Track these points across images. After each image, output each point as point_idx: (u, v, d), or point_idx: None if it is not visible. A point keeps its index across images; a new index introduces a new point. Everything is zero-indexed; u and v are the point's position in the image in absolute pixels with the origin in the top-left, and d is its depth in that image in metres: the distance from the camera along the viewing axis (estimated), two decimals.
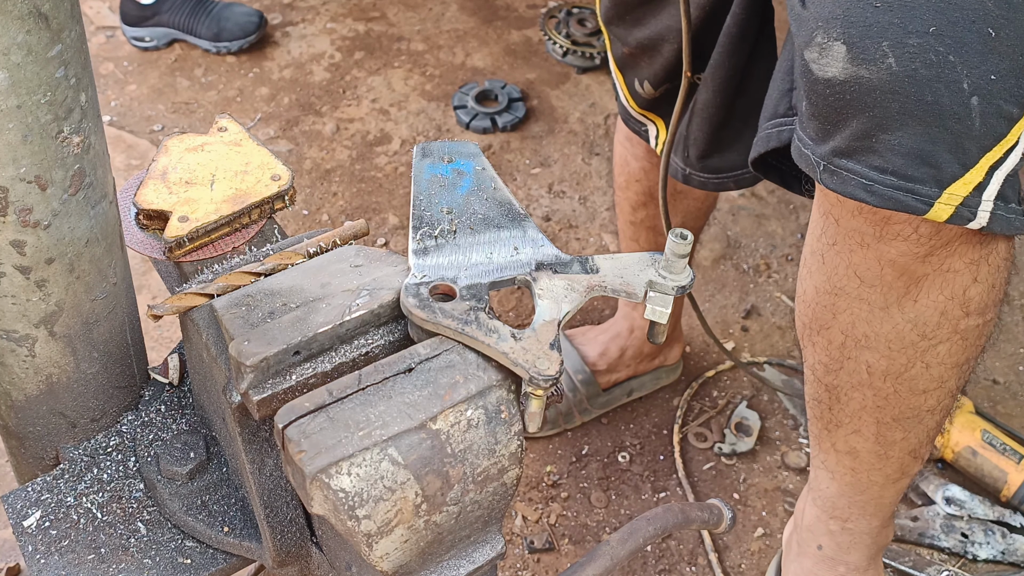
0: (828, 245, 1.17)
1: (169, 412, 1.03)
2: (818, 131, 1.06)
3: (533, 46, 2.88)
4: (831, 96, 1.02)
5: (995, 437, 1.89)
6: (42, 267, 0.85)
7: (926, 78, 0.97)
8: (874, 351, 1.19)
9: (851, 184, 1.04)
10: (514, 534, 1.84)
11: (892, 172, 1.02)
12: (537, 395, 0.79)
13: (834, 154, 1.05)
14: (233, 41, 2.77)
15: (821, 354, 1.26)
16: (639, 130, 1.65)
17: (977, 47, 0.97)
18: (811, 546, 1.47)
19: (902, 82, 0.98)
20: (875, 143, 1.01)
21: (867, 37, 0.98)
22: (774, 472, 1.94)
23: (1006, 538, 1.80)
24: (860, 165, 1.03)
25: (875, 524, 1.41)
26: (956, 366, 1.20)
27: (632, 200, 1.80)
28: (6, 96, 0.74)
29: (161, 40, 2.82)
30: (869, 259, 1.13)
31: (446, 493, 0.77)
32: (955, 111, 0.98)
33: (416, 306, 0.81)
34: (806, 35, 1.03)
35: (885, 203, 1.03)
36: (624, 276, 0.86)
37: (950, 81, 0.97)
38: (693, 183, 1.58)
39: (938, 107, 0.98)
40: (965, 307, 1.14)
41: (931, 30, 0.96)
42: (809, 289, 1.23)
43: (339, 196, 2.46)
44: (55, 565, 0.94)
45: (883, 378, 1.21)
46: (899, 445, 1.28)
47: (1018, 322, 2.23)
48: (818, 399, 1.31)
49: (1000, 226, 1.06)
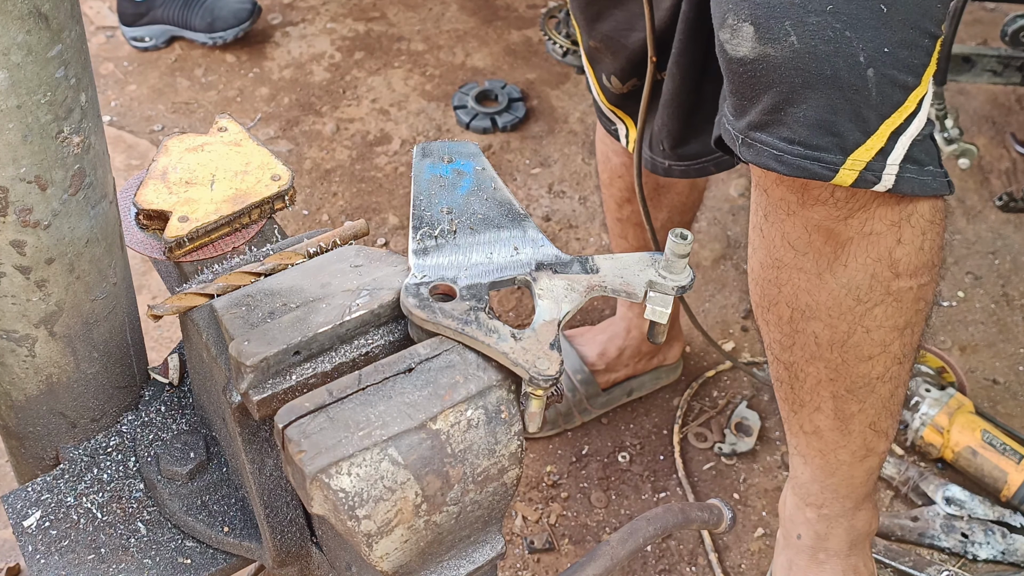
0: (763, 217, 1.23)
1: (169, 412, 1.03)
2: (735, 107, 1.14)
3: (533, 46, 2.88)
4: (744, 74, 1.09)
5: (995, 437, 1.89)
6: (42, 267, 0.85)
7: (825, 53, 1.04)
8: (818, 320, 1.24)
9: (764, 155, 1.11)
10: (514, 534, 1.84)
11: (799, 142, 1.08)
12: (537, 395, 0.79)
13: (749, 128, 1.12)
14: (228, 30, 2.76)
15: (775, 331, 1.30)
16: (610, 128, 1.66)
17: (871, 22, 1.04)
18: (792, 536, 1.49)
19: (803, 58, 1.05)
20: (783, 116, 1.08)
21: (772, 17, 1.05)
22: (774, 472, 1.94)
23: (1006, 538, 1.80)
24: (771, 137, 1.10)
25: (848, 506, 1.42)
26: (896, 329, 1.24)
27: (616, 196, 1.80)
28: (6, 96, 0.74)
29: (159, 38, 2.82)
30: (797, 226, 1.19)
31: (446, 493, 0.77)
32: (853, 82, 1.05)
33: (416, 306, 0.81)
34: (720, 16, 1.10)
35: (794, 171, 1.10)
36: (624, 276, 0.86)
37: (847, 55, 1.04)
38: (675, 174, 1.59)
39: (837, 80, 1.05)
40: (893, 268, 1.19)
41: (828, 8, 1.04)
42: (755, 266, 1.29)
43: (339, 196, 2.46)
44: (55, 565, 0.94)
45: (830, 348, 1.25)
46: (857, 418, 1.31)
47: (1018, 322, 2.23)
48: (779, 379, 1.35)
49: (909, 187, 1.12)
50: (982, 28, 2.90)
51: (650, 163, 1.59)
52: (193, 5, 2.77)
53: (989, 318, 2.24)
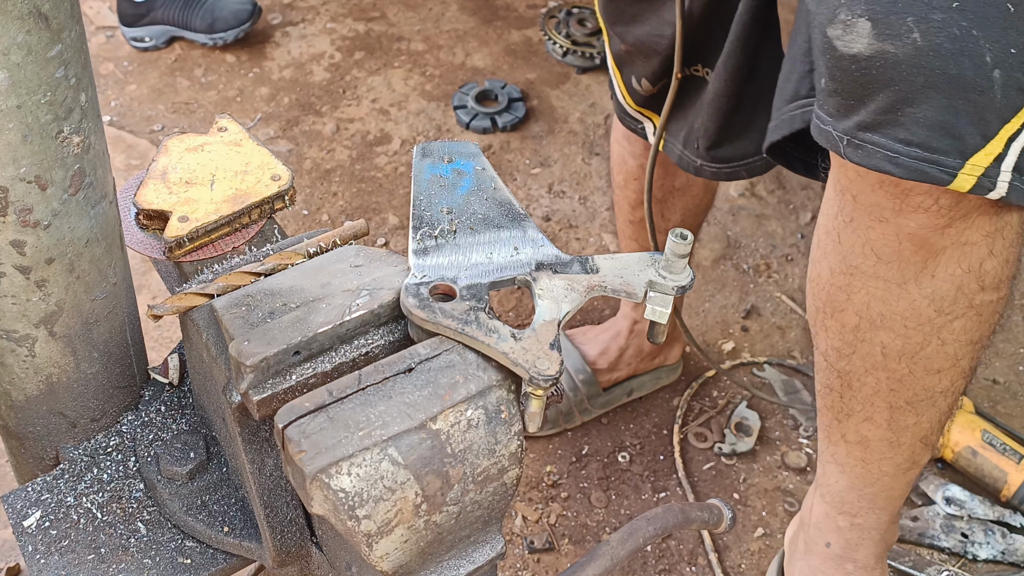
0: (845, 223, 1.18)
1: (169, 412, 1.03)
2: (840, 107, 1.08)
3: (533, 46, 2.88)
4: (856, 72, 1.04)
5: (995, 437, 1.89)
6: (42, 267, 0.85)
7: (950, 52, 1.00)
8: (889, 330, 1.20)
9: (876, 157, 1.06)
10: (514, 534, 1.84)
11: (917, 144, 1.04)
12: (537, 395, 0.79)
13: (859, 128, 1.07)
14: (228, 31, 2.76)
15: (834, 339, 1.26)
16: (635, 127, 1.65)
17: (998, 21, 0.99)
18: (819, 544, 1.46)
19: (927, 56, 1.00)
20: (900, 116, 1.04)
21: (892, 13, 1.00)
22: (774, 472, 1.94)
23: (1006, 538, 1.80)
24: (885, 138, 1.05)
25: (884, 519, 1.40)
26: (970, 343, 1.21)
27: (631, 199, 1.80)
28: (6, 96, 0.74)
29: (159, 39, 2.82)
30: (888, 234, 1.14)
31: (446, 493, 0.77)
32: (978, 83, 1.01)
33: (416, 306, 0.81)
34: (828, 12, 1.05)
35: (910, 174, 1.05)
36: (624, 276, 0.86)
37: (973, 54, 1.00)
38: (705, 174, 1.58)
39: (962, 80, 1.01)
40: (981, 281, 1.15)
41: (954, 5, 0.99)
42: (824, 271, 1.24)
43: (339, 196, 2.46)
44: (55, 565, 0.94)
45: (898, 358, 1.21)
46: (911, 431, 1.28)
47: (1018, 322, 2.23)
48: (830, 387, 1.31)
49: (1017, 196, 1.08)
50: None
51: (683, 160, 1.58)
52: (193, 6, 2.77)
53: None
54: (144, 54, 2.84)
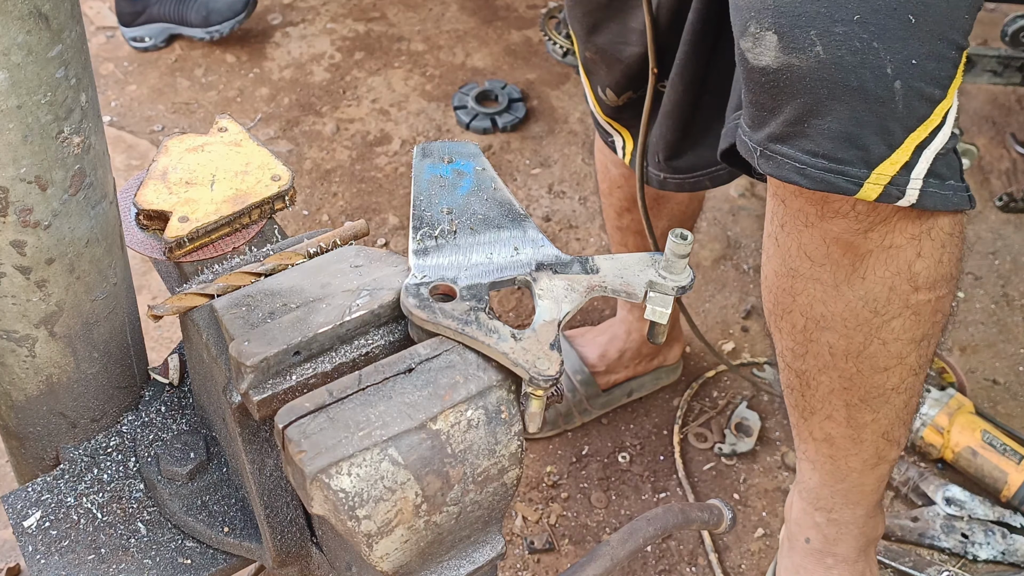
0: (779, 227, 1.21)
1: (169, 412, 1.03)
2: (754, 118, 1.11)
3: (533, 46, 2.88)
4: (765, 84, 1.06)
5: (995, 437, 1.89)
6: (42, 267, 0.85)
7: (852, 64, 1.02)
8: (833, 331, 1.22)
9: (785, 168, 1.09)
10: (514, 534, 1.84)
11: (823, 155, 1.06)
12: (537, 395, 0.79)
13: (769, 139, 1.09)
14: (224, 23, 2.75)
15: (787, 339, 1.29)
16: (607, 140, 1.65)
17: (899, 33, 1.01)
18: (799, 540, 1.48)
19: (829, 69, 1.02)
20: (807, 128, 1.06)
21: (796, 27, 1.02)
22: (774, 472, 1.94)
23: (1006, 538, 1.80)
24: (793, 149, 1.07)
25: (859, 513, 1.41)
26: (913, 341, 1.22)
27: (616, 206, 1.80)
28: (6, 96, 0.74)
29: (158, 37, 2.82)
30: (815, 238, 1.17)
31: (446, 493, 0.77)
32: (879, 95, 1.03)
33: (416, 306, 0.81)
34: (741, 25, 1.07)
35: (817, 185, 1.07)
36: (624, 276, 0.86)
37: (874, 66, 1.02)
38: (670, 187, 1.58)
39: (863, 91, 1.03)
40: (913, 282, 1.17)
41: (855, 18, 1.01)
42: (769, 273, 1.27)
43: (339, 196, 2.46)
44: (55, 565, 0.94)
45: (844, 358, 1.24)
46: (870, 427, 1.30)
47: (1018, 322, 2.23)
48: (791, 386, 1.33)
49: (932, 202, 1.10)
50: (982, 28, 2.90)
51: (646, 174, 1.59)
52: (187, 2, 2.77)
53: (989, 318, 2.24)
54: (144, 54, 2.84)
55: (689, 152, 1.52)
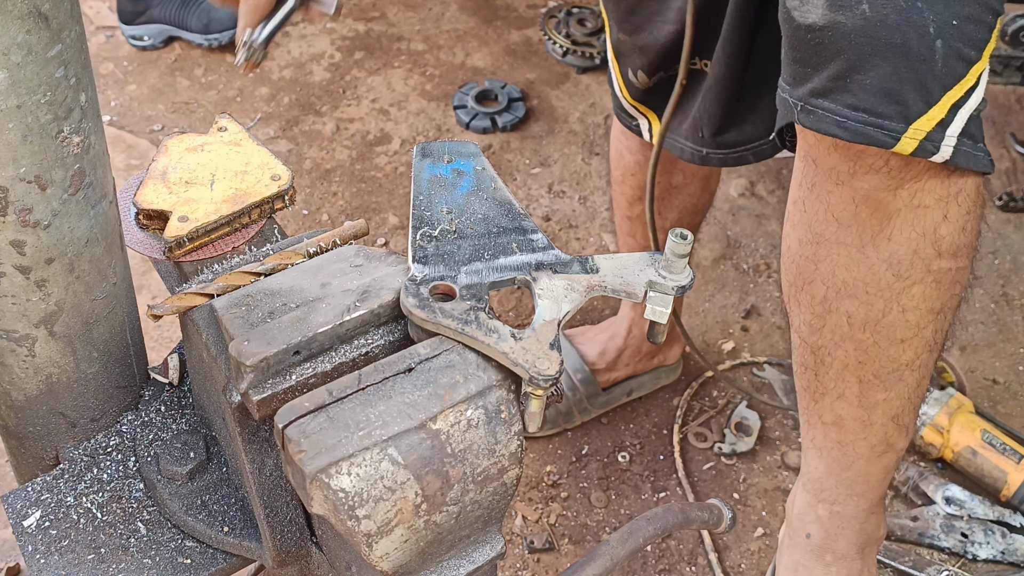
0: (808, 189, 1.24)
1: (169, 412, 1.03)
2: (796, 74, 1.15)
3: (533, 46, 2.88)
4: (811, 41, 1.10)
5: (995, 437, 1.89)
6: (42, 267, 0.85)
7: (896, 23, 1.06)
8: (853, 298, 1.25)
9: (826, 121, 1.13)
10: (514, 534, 1.84)
11: (864, 109, 1.11)
12: (537, 395, 0.79)
13: (811, 95, 1.13)
14: (223, 32, 2.76)
15: (806, 312, 1.30)
16: (630, 124, 1.65)
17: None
18: (800, 535, 1.48)
19: (874, 26, 1.07)
20: (849, 83, 1.10)
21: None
22: (774, 472, 1.94)
23: (1006, 538, 1.80)
24: (835, 104, 1.12)
25: (863, 507, 1.42)
26: (931, 311, 1.25)
27: (628, 195, 1.80)
28: (6, 96, 0.74)
29: (157, 38, 2.82)
30: (845, 198, 1.20)
31: (446, 493, 0.77)
32: (921, 53, 1.07)
33: (416, 306, 0.81)
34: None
35: (856, 137, 1.12)
36: (624, 276, 0.86)
37: (918, 25, 1.06)
38: (712, 162, 1.59)
39: (906, 49, 1.07)
40: (937, 246, 1.20)
41: None
42: (793, 243, 1.30)
43: (339, 196, 2.46)
44: (55, 565, 0.94)
45: (863, 327, 1.26)
46: (882, 407, 1.32)
47: (1018, 322, 2.23)
48: (804, 365, 1.35)
49: (965, 160, 1.14)
50: None
51: (686, 153, 1.59)
52: (190, 5, 2.77)
53: (989, 318, 2.24)
54: (144, 54, 2.84)
55: (734, 128, 1.53)
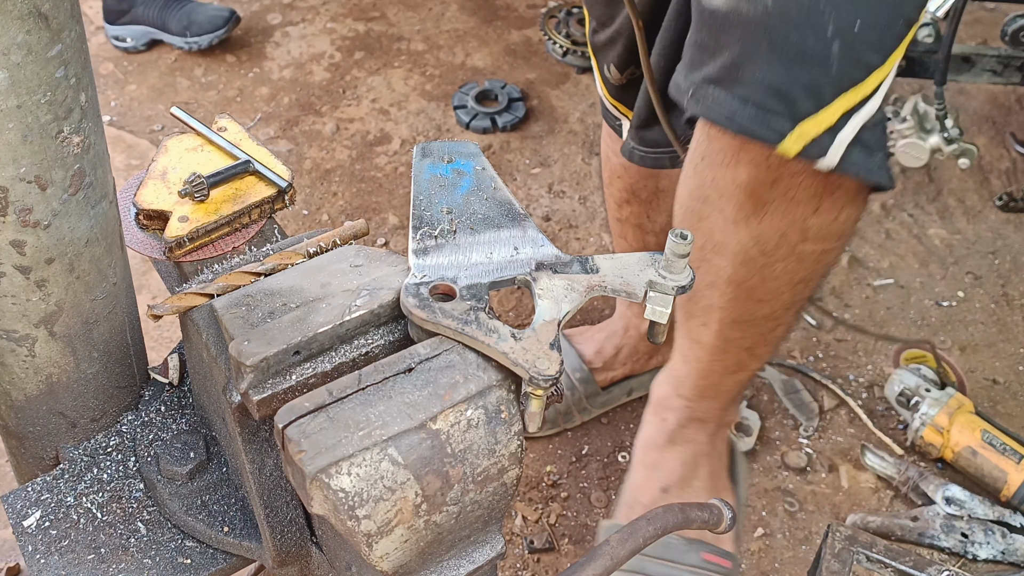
0: (700, 158, 1.26)
1: (169, 412, 1.03)
2: (694, 60, 1.15)
3: (533, 46, 2.88)
4: (712, 25, 1.10)
5: (995, 437, 1.89)
6: (42, 267, 0.85)
7: (795, 19, 1.05)
8: (723, 258, 1.30)
9: (714, 110, 1.13)
10: (514, 534, 1.84)
11: (752, 102, 1.10)
12: (537, 395, 0.79)
13: (705, 81, 1.13)
14: (202, 36, 2.76)
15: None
16: (614, 124, 1.67)
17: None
18: (658, 417, 1.59)
19: (774, 19, 1.05)
20: (741, 74, 1.09)
21: None
22: (774, 472, 1.94)
23: (1006, 538, 1.80)
24: (725, 93, 1.11)
25: (714, 406, 1.54)
26: (791, 283, 1.31)
27: (616, 196, 1.81)
28: (6, 96, 0.74)
29: (139, 40, 2.82)
30: (727, 177, 1.22)
31: (446, 493, 0.77)
32: (816, 52, 1.05)
33: (416, 306, 0.81)
34: None
35: (741, 130, 1.12)
36: (624, 276, 0.86)
37: (817, 25, 1.04)
38: (635, 159, 1.62)
39: (801, 47, 1.06)
40: (803, 234, 1.24)
41: None
42: (683, 193, 1.33)
43: (339, 196, 2.46)
44: (55, 565, 0.94)
45: (728, 283, 1.32)
46: (736, 343, 1.43)
47: (1018, 322, 2.23)
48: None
49: (854, 169, 1.14)
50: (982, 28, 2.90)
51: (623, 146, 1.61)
52: (172, 8, 2.77)
53: (989, 318, 2.24)
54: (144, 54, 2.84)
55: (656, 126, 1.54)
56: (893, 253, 2.39)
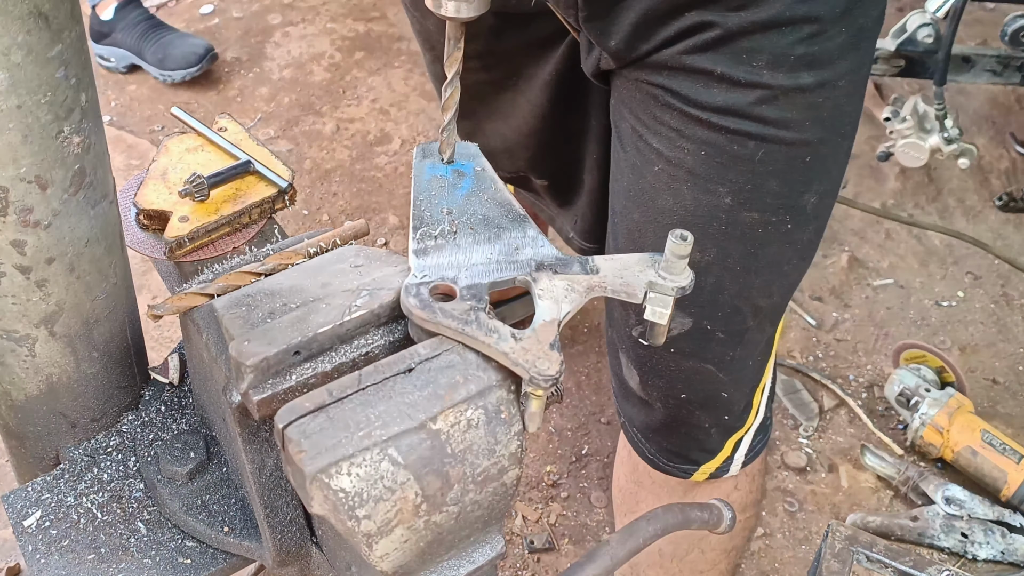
0: (628, 452, 1.47)
1: (169, 412, 1.03)
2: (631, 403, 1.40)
3: None
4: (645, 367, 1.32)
5: (995, 437, 1.89)
6: (42, 267, 0.85)
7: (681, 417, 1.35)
8: (665, 539, 1.41)
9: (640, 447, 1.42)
10: (514, 534, 1.84)
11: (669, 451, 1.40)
12: (537, 395, 0.79)
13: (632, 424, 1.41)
14: (176, 71, 2.74)
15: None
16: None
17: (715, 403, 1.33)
18: None
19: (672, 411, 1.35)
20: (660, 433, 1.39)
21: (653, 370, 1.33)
22: (774, 472, 1.94)
23: (1006, 538, 1.80)
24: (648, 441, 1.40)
25: None
26: (725, 552, 1.55)
27: None
28: (6, 96, 0.74)
29: (121, 62, 2.82)
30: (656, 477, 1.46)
31: (446, 493, 0.77)
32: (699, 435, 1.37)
33: (416, 306, 0.81)
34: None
35: (660, 469, 1.42)
36: (624, 277, 0.86)
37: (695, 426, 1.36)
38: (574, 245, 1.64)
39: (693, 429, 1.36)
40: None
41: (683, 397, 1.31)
42: (620, 476, 1.57)
43: (339, 196, 2.46)
44: (55, 565, 0.94)
45: (671, 560, 1.54)
46: None
47: (1018, 322, 2.23)
48: (621, 572, 1.61)
49: (752, 460, 1.43)
50: (982, 28, 2.90)
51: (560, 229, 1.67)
52: (150, 38, 2.75)
53: (989, 318, 2.24)
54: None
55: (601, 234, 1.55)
56: (893, 253, 2.39)
